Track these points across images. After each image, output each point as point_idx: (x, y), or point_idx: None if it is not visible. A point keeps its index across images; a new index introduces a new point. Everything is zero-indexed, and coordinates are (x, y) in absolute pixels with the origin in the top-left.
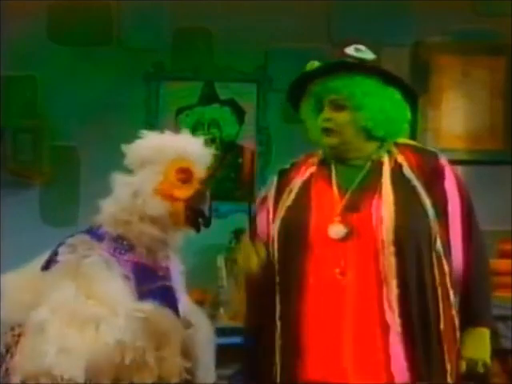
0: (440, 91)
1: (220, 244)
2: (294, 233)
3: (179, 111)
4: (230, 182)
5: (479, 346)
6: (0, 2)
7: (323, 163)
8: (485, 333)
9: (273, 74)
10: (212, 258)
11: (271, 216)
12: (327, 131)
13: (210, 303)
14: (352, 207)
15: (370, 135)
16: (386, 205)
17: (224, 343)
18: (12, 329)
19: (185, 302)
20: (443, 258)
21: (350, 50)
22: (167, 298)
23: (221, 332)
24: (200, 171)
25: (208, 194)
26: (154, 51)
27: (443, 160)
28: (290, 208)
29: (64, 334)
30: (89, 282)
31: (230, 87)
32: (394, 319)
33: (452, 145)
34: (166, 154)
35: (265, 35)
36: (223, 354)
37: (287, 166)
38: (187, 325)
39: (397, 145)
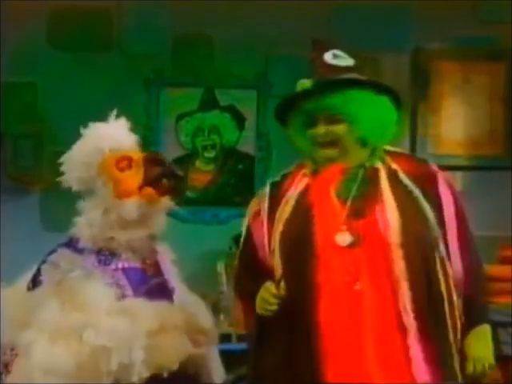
0: (440, 97)
1: (220, 250)
2: (300, 244)
3: (179, 117)
4: (230, 187)
5: (484, 344)
6: (0, 7)
7: (317, 173)
8: (487, 329)
9: (273, 80)
10: (212, 264)
11: (265, 229)
12: (325, 144)
13: (210, 309)
14: (356, 214)
15: (364, 143)
16: (390, 210)
17: (225, 349)
18: (12, 349)
19: (180, 292)
20: (446, 260)
21: (328, 57)
22: (162, 295)
23: (221, 338)
24: (132, 149)
25: (159, 156)
26: (155, 57)
27: (434, 167)
28: (289, 221)
29: (50, 354)
30: (72, 295)
31: (231, 93)
32: (410, 321)
33: (452, 151)
34: (95, 160)
35: (265, 41)
36: (224, 360)
37: (278, 179)
38: None
39: (388, 153)
